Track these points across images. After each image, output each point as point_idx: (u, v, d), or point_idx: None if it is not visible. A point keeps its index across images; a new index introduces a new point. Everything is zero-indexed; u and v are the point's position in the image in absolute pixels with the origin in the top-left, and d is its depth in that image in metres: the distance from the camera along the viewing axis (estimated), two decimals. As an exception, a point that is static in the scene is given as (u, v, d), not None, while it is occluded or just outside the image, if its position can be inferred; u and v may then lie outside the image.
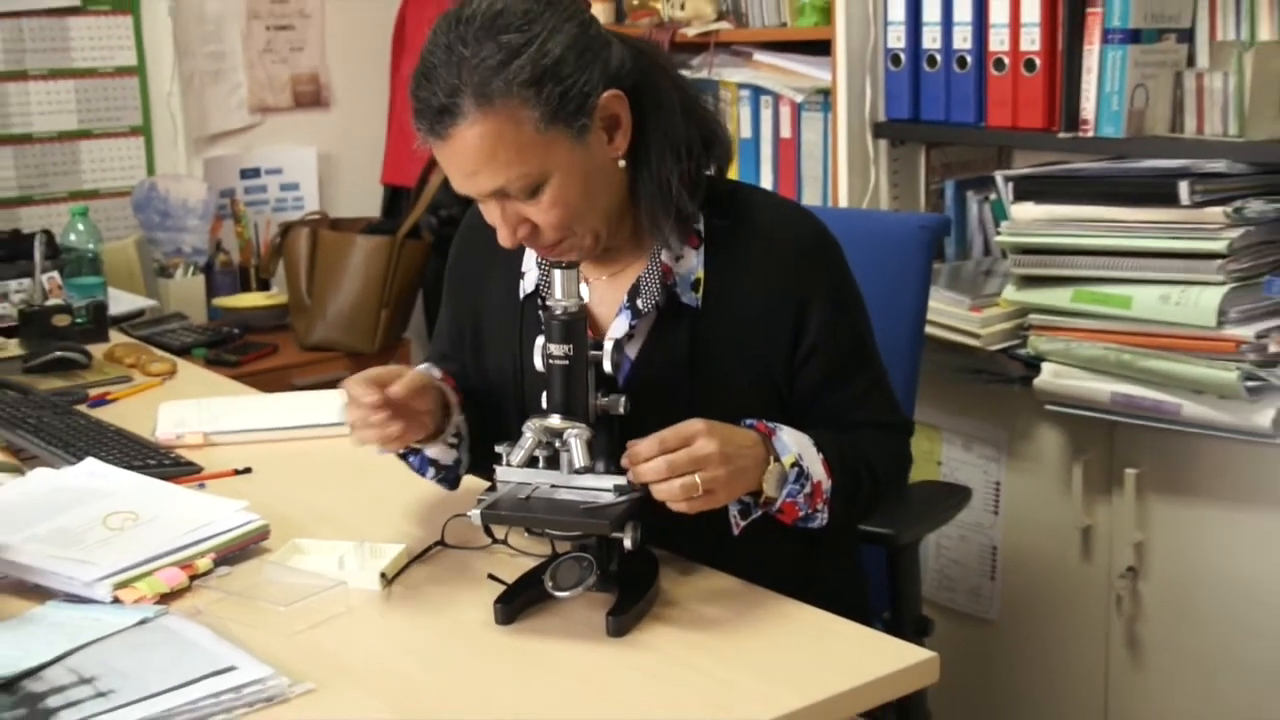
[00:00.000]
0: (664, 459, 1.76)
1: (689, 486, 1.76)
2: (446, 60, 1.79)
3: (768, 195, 2.07)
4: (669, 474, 1.76)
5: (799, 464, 1.86)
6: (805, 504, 1.87)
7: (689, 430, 1.78)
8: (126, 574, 1.92)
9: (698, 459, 1.76)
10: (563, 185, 1.84)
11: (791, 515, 1.88)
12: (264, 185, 4.35)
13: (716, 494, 1.78)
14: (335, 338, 3.88)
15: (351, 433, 1.96)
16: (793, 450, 1.86)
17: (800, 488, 1.86)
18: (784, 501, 1.86)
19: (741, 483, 1.82)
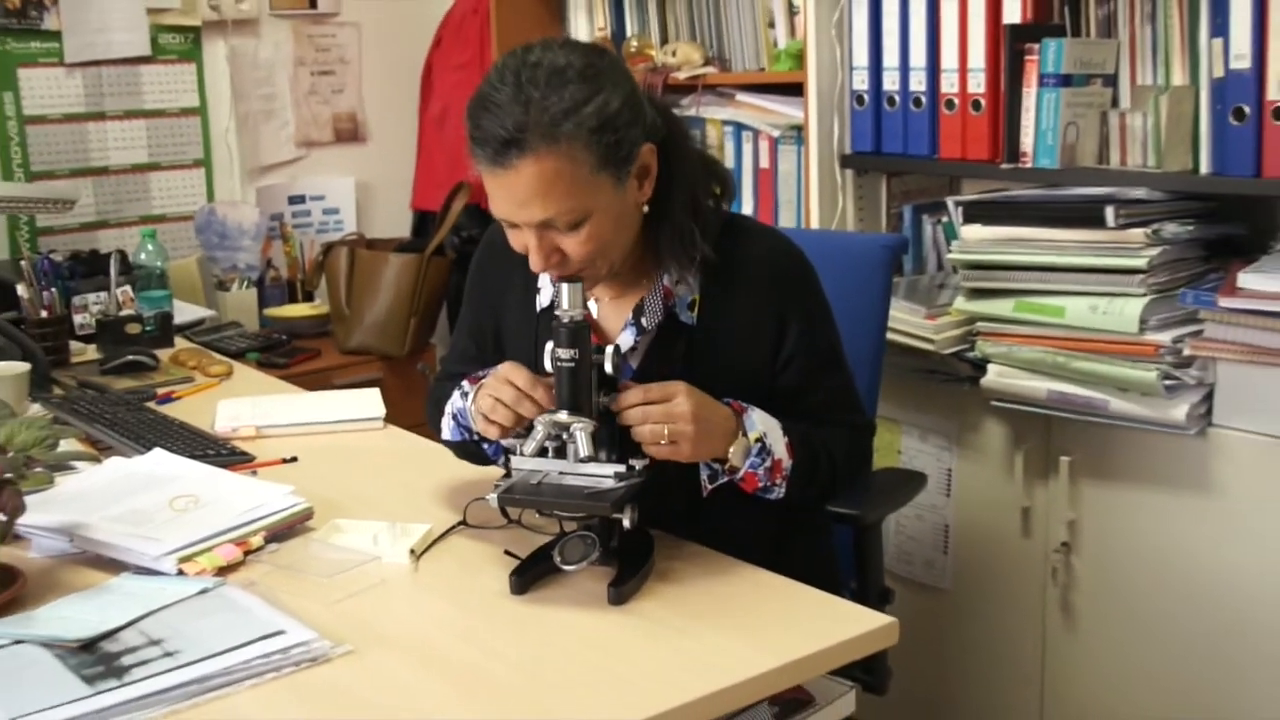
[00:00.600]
0: (641, 408, 1.81)
1: (656, 433, 1.80)
2: (514, 97, 1.76)
3: (756, 225, 2.07)
4: (643, 420, 1.80)
5: (763, 440, 1.89)
6: (765, 476, 1.90)
7: (672, 388, 1.83)
8: (189, 550, 1.92)
9: (672, 414, 1.80)
10: (600, 223, 1.83)
11: (751, 485, 1.91)
12: (309, 210, 4.35)
13: (681, 446, 1.81)
14: (370, 343, 3.87)
15: (489, 411, 1.88)
16: (759, 428, 1.89)
17: (761, 461, 1.89)
18: (746, 471, 1.89)
19: (708, 446, 1.85)
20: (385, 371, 3.83)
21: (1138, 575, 2.72)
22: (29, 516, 1.95)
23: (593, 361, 1.84)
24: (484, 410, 1.88)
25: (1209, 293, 2.54)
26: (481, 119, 1.79)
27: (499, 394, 1.86)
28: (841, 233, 3.12)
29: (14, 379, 2.63)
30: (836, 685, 1.84)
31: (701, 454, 1.85)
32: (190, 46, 4.05)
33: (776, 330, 1.97)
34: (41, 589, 1.87)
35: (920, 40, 3.02)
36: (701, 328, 1.96)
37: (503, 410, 1.86)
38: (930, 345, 2.86)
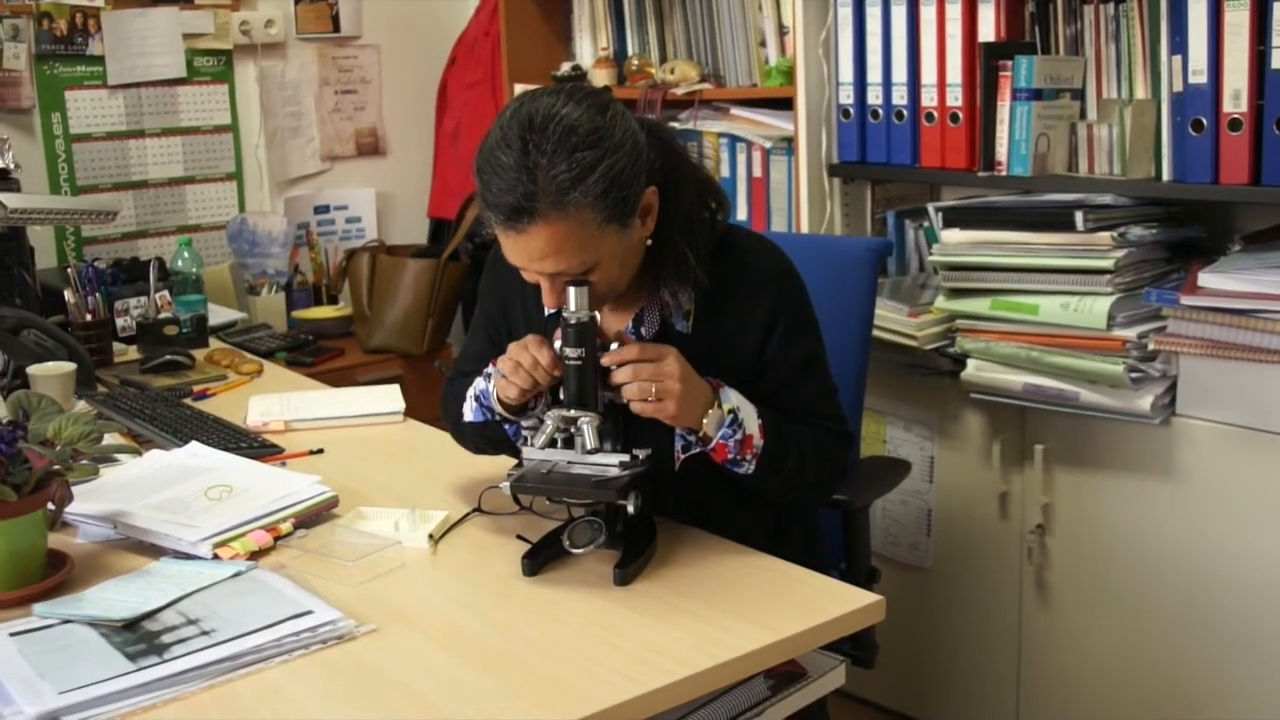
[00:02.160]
0: (632, 365, 1.79)
1: (645, 389, 1.78)
2: (521, 164, 1.71)
3: (748, 237, 2.02)
4: (633, 377, 1.78)
5: (736, 413, 1.85)
6: (735, 449, 1.86)
7: (663, 349, 1.82)
8: (224, 535, 1.92)
9: (661, 372, 1.79)
10: (607, 268, 1.81)
11: (722, 455, 1.87)
12: (333, 219, 4.34)
13: (666, 404, 1.79)
14: (390, 342, 3.87)
15: (509, 373, 1.87)
16: (733, 401, 1.86)
17: (732, 433, 1.85)
18: (718, 442, 1.85)
19: (690, 410, 1.82)
20: (404, 369, 3.82)
21: (1107, 555, 2.72)
22: (76, 505, 1.96)
23: (598, 360, 1.83)
24: (506, 371, 1.87)
25: (1171, 291, 2.54)
26: (491, 182, 1.75)
27: (519, 357, 1.86)
28: (829, 237, 3.12)
29: (61, 378, 2.63)
30: (827, 659, 1.84)
31: (683, 416, 1.81)
32: (223, 68, 4.05)
33: (763, 334, 1.94)
34: (88, 572, 1.87)
35: (901, 57, 3.02)
36: (696, 336, 1.95)
37: (522, 373, 1.85)
38: (913, 341, 2.86)
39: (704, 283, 1.91)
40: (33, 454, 1.78)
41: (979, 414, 2.87)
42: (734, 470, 1.89)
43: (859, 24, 3.08)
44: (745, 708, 1.73)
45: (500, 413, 1.96)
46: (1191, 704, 2.63)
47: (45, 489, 1.81)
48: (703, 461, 1.89)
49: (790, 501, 2.04)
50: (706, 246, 1.92)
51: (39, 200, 3.02)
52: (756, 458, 1.87)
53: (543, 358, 1.84)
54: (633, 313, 1.98)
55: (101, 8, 3.76)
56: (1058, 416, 2.72)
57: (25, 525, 1.78)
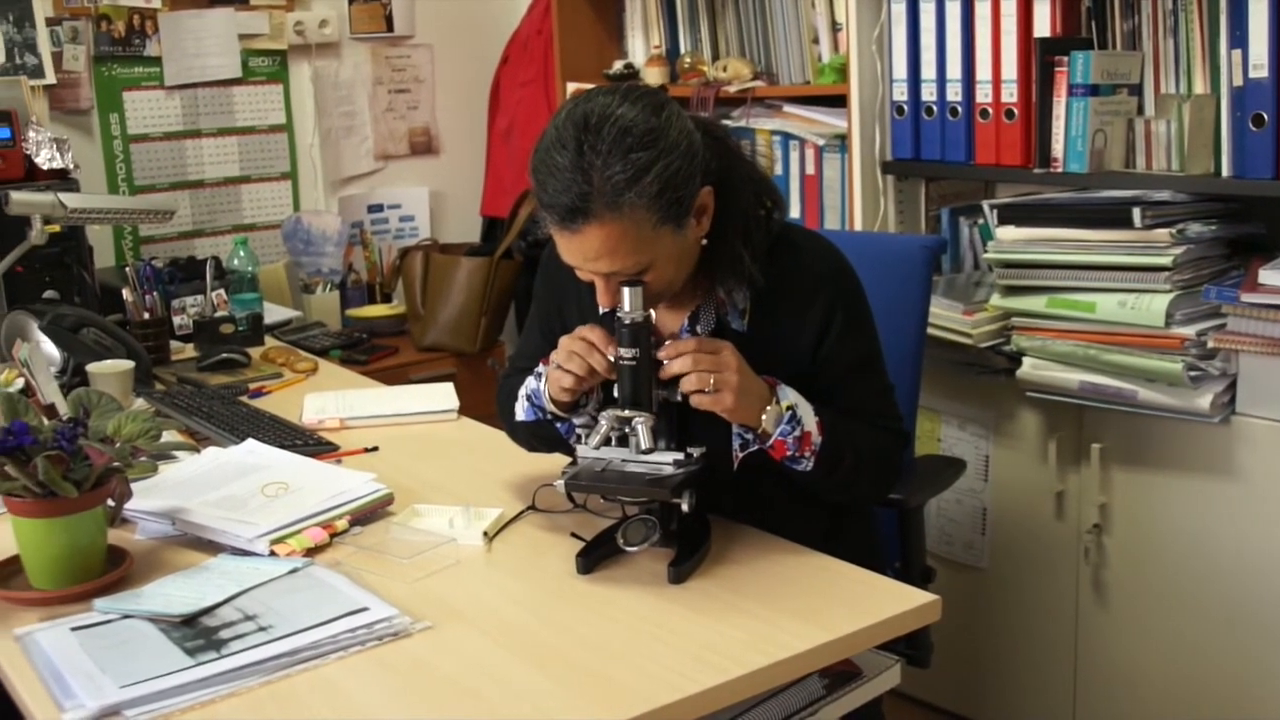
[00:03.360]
0: (691, 355, 1.79)
1: (703, 379, 1.78)
2: (576, 164, 1.71)
3: (804, 235, 2.01)
4: (692, 368, 1.78)
5: (794, 410, 1.85)
6: (794, 445, 1.85)
7: (719, 343, 1.82)
8: (280, 532, 1.93)
9: (719, 362, 1.79)
10: (662, 268, 1.81)
11: (780, 452, 1.86)
12: (386, 218, 4.36)
13: (723, 396, 1.78)
14: (444, 341, 3.88)
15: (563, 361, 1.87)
16: (791, 398, 1.86)
17: (791, 429, 1.84)
18: (776, 439, 1.84)
19: (747, 404, 1.81)
20: (458, 367, 3.83)
21: (1165, 555, 2.69)
22: (135, 502, 1.97)
23: (653, 359, 1.83)
24: (560, 360, 1.87)
25: (1231, 288, 2.51)
26: (547, 182, 1.74)
27: (573, 346, 1.86)
28: (883, 234, 3.11)
29: (120, 375, 2.65)
30: (883, 659, 1.83)
31: (740, 409, 1.81)
32: (278, 69, 4.08)
33: (818, 333, 1.94)
34: (147, 568, 1.88)
35: (956, 54, 3.00)
36: (751, 334, 1.94)
37: (577, 360, 1.85)
38: (968, 340, 2.84)
39: (759, 282, 1.90)
40: (93, 451, 1.79)
41: (1035, 412, 2.85)
42: (792, 468, 1.88)
43: (913, 20, 3.06)
44: (800, 707, 1.73)
45: (551, 410, 1.97)
46: (1251, 707, 2.60)
47: (105, 485, 1.83)
48: (758, 460, 1.89)
49: (846, 500, 2.04)
50: (762, 245, 1.91)
51: (97, 200, 3.05)
52: (815, 455, 1.86)
53: (597, 339, 1.84)
54: (688, 312, 1.97)
55: (158, 9, 3.79)
56: (1115, 415, 2.70)
57: (86, 521, 1.80)
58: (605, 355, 1.84)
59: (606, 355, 1.84)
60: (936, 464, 2.59)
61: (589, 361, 1.85)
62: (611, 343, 1.84)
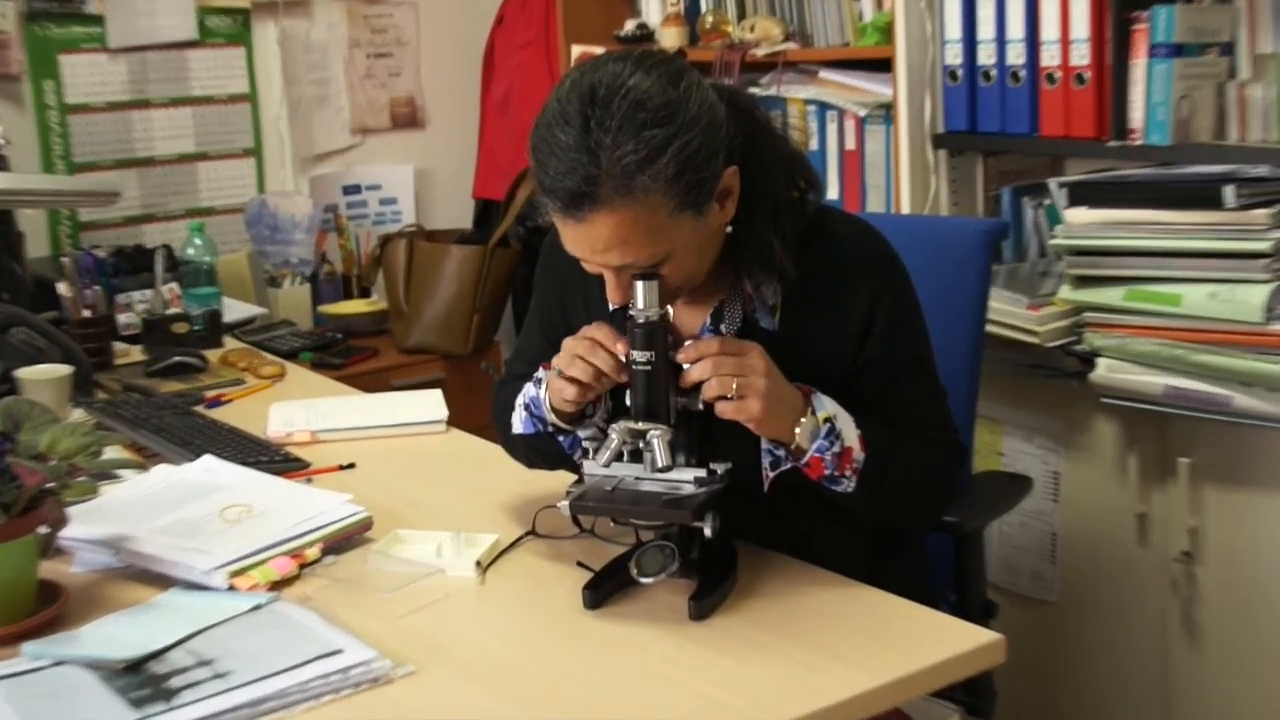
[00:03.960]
0: (711, 360, 1.78)
1: (725, 385, 1.77)
2: (581, 142, 1.70)
3: (843, 220, 2.01)
4: (713, 372, 1.77)
5: (832, 422, 1.84)
6: (832, 463, 1.84)
7: (745, 344, 1.81)
8: (241, 563, 1.93)
9: (745, 367, 1.78)
10: (681, 259, 1.81)
11: (818, 470, 1.85)
12: (364, 200, 4.37)
13: (750, 403, 1.77)
14: (431, 341, 3.89)
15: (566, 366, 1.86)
16: (829, 408, 1.85)
17: (829, 444, 1.83)
18: (812, 455, 1.84)
19: (778, 415, 1.80)
20: (447, 371, 3.84)
21: (1268, 587, 2.68)
22: (72, 529, 1.97)
23: (670, 363, 1.82)
24: (561, 366, 1.87)
25: (1340, 278, 2.51)
26: (548, 163, 1.74)
27: (579, 348, 1.85)
28: (935, 218, 3.10)
29: (55, 383, 2.65)
30: (938, 707, 1.82)
31: (770, 419, 1.80)
32: (239, 29, 4.08)
33: (860, 332, 1.93)
34: (85, 606, 1.87)
35: (1018, 10, 2.99)
36: (783, 334, 1.93)
37: (580, 363, 1.84)
38: (1033, 338, 2.83)
39: (792, 273, 1.90)
40: (23, 470, 1.78)
41: (1112, 422, 2.84)
42: (830, 489, 1.87)
43: (969, -30, 3.07)
44: (842, 764, 1.72)
45: (553, 421, 1.96)
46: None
47: (37, 510, 1.82)
48: (792, 479, 1.88)
49: (893, 525, 2.03)
50: (795, 232, 1.91)
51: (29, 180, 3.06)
52: (857, 473, 1.85)
53: (606, 340, 1.84)
54: (710, 308, 1.97)
55: (101, -39, 3.80)
56: (1206, 424, 2.69)
57: (14, 552, 1.79)
58: (615, 358, 1.83)
59: (617, 358, 1.83)
60: (998, 482, 2.59)
61: (597, 366, 1.84)
62: (622, 344, 1.83)
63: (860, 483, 1.86)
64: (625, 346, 1.82)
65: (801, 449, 1.83)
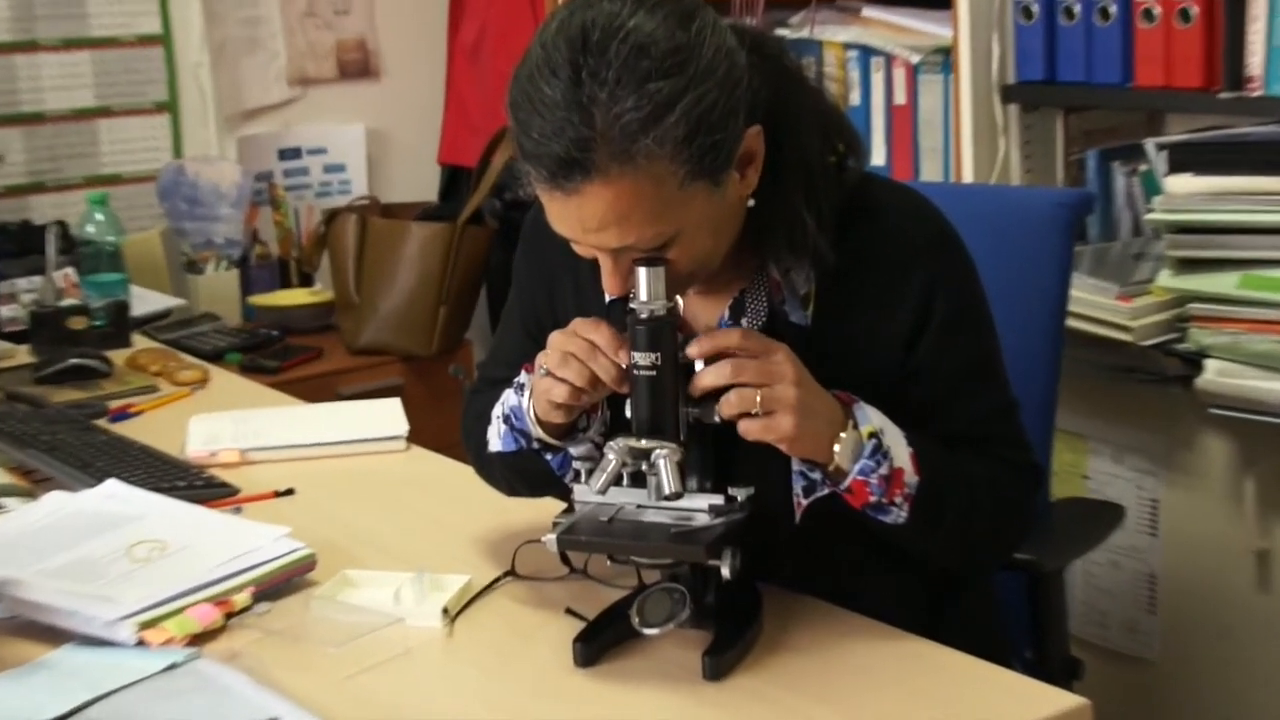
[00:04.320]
0: (731, 362, 1.77)
1: (747, 397, 1.76)
2: (571, 99, 1.69)
3: (890, 191, 2.01)
4: (732, 378, 1.77)
5: (878, 438, 1.83)
6: (879, 488, 1.83)
7: (773, 343, 1.80)
8: (153, 612, 1.93)
9: (770, 373, 1.77)
10: (693, 239, 1.80)
11: (862, 497, 1.84)
12: (305, 167, 4.38)
13: (779, 419, 1.76)
14: (388, 339, 3.89)
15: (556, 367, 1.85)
16: (874, 422, 1.84)
17: (876, 465, 1.83)
18: (855, 478, 1.83)
19: (812, 430, 1.80)
20: (408, 376, 3.84)
21: None
22: (-55, 569, 1.97)
23: (679, 367, 1.82)
24: (551, 365, 1.86)
25: None
26: (530, 124, 1.73)
27: (569, 346, 1.84)
28: (1004, 188, 3.11)
29: (-75, 391, 2.66)
30: (1008, 788, 1.82)
31: (804, 438, 1.79)
32: (150, -44, 4.09)
33: (912, 328, 1.93)
34: (-39, 665, 1.88)
35: (1108, -70, 3.01)
36: (818, 329, 1.93)
37: (575, 365, 1.83)
38: (1126, 335, 2.84)
39: (828, 257, 1.90)
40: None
41: (1223, 438, 2.85)
42: (877, 519, 1.87)
43: (1046, -117, 3.08)
44: None
45: (538, 436, 1.96)
46: None
47: (-95, 545, 1.82)
48: (829, 507, 1.88)
49: (953, 564, 2.03)
50: (832, 205, 1.90)
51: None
52: (909, 500, 1.85)
53: (601, 339, 1.84)
54: (729, 298, 1.97)
55: None
56: (1338, 441, 2.70)
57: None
58: (613, 360, 1.83)
59: (615, 360, 1.83)
60: (1083, 511, 2.59)
61: (591, 369, 1.84)
62: (622, 344, 1.83)
63: (913, 512, 1.86)
64: (626, 349, 1.82)
65: (841, 470, 1.83)
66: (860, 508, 1.86)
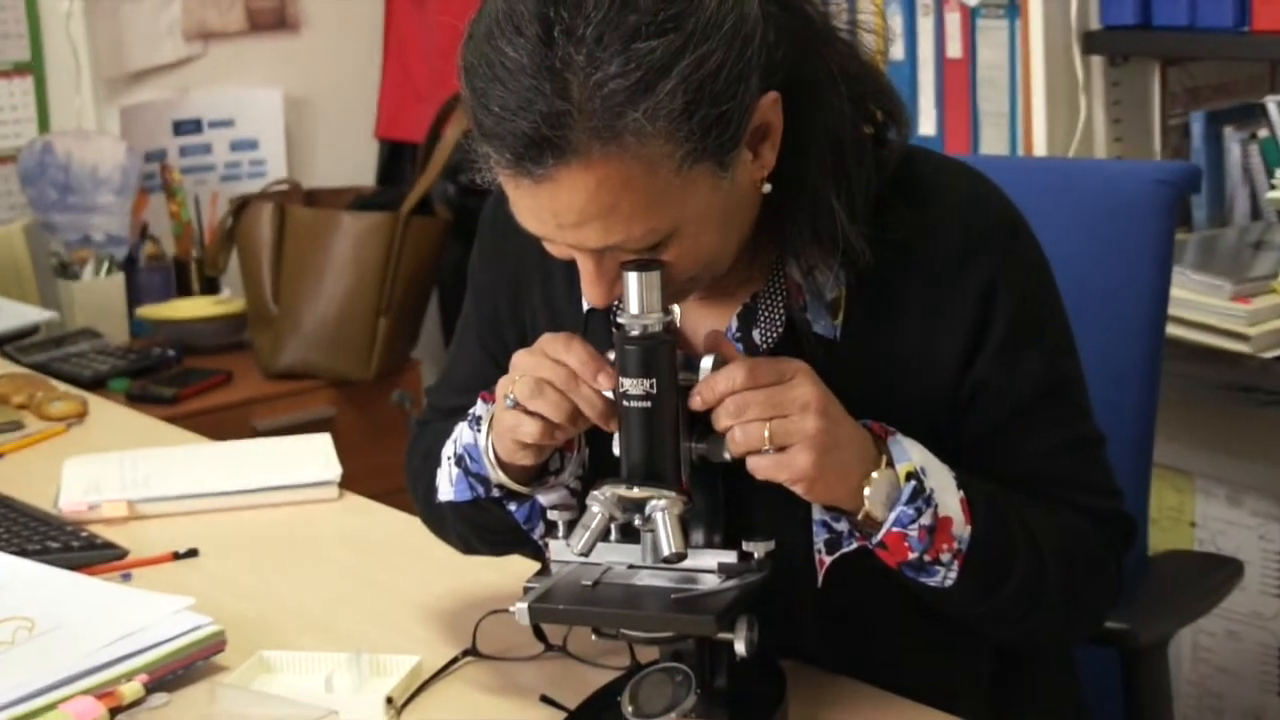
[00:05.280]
0: (733, 399, 1.76)
1: (754, 433, 1.75)
2: (543, 63, 1.67)
3: (942, 170, 2.00)
4: (737, 415, 1.76)
5: (919, 478, 1.82)
6: (921, 541, 1.82)
7: (788, 365, 1.79)
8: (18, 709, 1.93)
9: (782, 402, 1.76)
10: (696, 235, 1.79)
11: (900, 554, 1.83)
12: (207, 144, 4.39)
13: (795, 458, 1.75)
14: (314, 360, 3.90)
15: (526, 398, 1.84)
16: (914, 459, 1.83)
17: (916, 513, 1.81)
18: (891, 530, 1.82)
19: (836, 471, 1.79)
20: (340, 406, 3.85)
21: None
22: None
23: (680, 393, 1.81)
24: (521, 396, 1.84)
25: None
26: (489, 93, 1.72)
27: (541, 370, 1.84)
28: (1085, 161, 3.12)
29: None
30: None
31: (826, 481, 1.78)
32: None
33: (968, 341, 1.92)
34: None
35: None
36: (848, 343, 1.93)
37: (551, 395, 1.83)
38: (1243, 345, 2.85)
39: (863, 253, 1.89)
40: None
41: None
42: (919, 581, 1.87)
43: None
44: None
45: (500, 481, 1.97)
46: None
47: None
48: (859, 563, 1.90)
49: (1021, 639, 2.04)
50: (868, 190, 1.91)
51: None
52: (959, 557, 1.85)
53: (578, 361, 1.83)
54: (737, 305, 1.97)
55: None
56: None
57: None
58: (602, 398, 1.85)
59: (597, 387, 1.84)
60: (1190, 567, 2.59)
61: (569, 398, 1.84)
62: (603, 366, 1.83)
63: (965, 572, 1.86)
64: (611, 373, 1.82)
65: (874, 519, 1.83)
66: (898, 566, 1.85)
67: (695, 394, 1.80)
